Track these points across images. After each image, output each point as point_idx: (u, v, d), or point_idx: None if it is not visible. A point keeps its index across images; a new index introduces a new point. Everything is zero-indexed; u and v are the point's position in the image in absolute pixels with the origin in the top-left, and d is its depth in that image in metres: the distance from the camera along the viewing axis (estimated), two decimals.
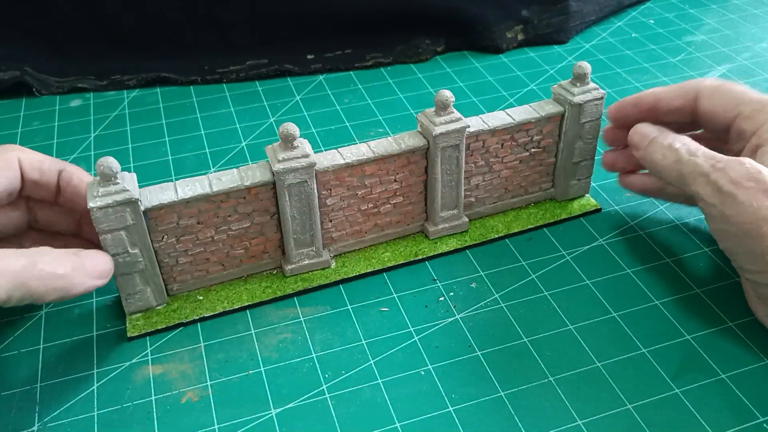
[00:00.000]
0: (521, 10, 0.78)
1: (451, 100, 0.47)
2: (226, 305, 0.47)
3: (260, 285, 0.49)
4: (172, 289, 0.48)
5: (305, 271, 0.50)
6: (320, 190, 0.47)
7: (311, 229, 0.48)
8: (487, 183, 0.53)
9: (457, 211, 0.52)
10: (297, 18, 0.75)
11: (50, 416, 0.41)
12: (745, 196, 0.40)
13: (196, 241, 0.46)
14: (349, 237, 0.51)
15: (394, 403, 0.41)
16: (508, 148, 0.52)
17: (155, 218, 0.44)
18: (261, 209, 0.47)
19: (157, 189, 0.44)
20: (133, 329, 0.46)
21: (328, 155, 0.47)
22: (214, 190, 0.45)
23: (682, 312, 0.46)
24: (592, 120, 0.52)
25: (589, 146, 0.53)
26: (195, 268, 0.48)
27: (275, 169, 0.45)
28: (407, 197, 0.51)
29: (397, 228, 0.52)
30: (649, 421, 0.40)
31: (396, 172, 0.49)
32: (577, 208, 0.55)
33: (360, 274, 0.50)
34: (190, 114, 0.68)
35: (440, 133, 0.47)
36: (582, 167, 0.54)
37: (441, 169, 0.49)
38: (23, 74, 0.70)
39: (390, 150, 0.48)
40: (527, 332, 0.45)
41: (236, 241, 0.48)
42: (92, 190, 0.42)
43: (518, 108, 0.52)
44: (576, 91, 0.50)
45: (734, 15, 0.84)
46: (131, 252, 0.44)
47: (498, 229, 0.53)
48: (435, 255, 0.51)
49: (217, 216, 0.46)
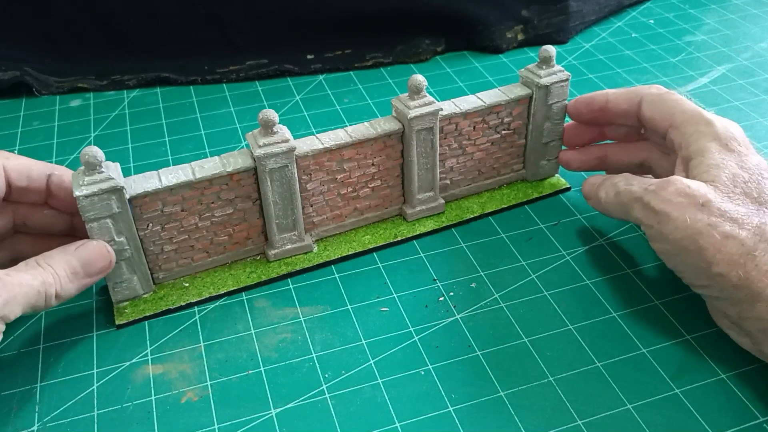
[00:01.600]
0: (521, 10, 0.78)
1: (424, 84, 0.49)
2: (212, 291, 0.48)
3: (245, 270, 0.50)
4: (158, 277, 0.48)
5: (288, 256, 0.51)
6: (300, 175, 0.48)
7: (293, 213, 0.49)
8: (461, 165, 0.54)
9: (434, 193, 0.53)
10: (297, 18, 0.75)
11: (50, 416, 0.41)
12: (678, 212, 0.41)
13: (180, 229, 0.47)
14: (329, 221, 0.52)
15: (394, 403, 0.41)
16: (480, 131, 0.53)
17: (140, 206, 0.45)
18: (243, 195, 0.48)
19: (140, 177, 0.45)
20: (121, 317, 0.46)
21: (307, 141, 0.48)
22: (197, 177, 0.45)
23: (682, 312, 0.46)
24: (558, 101, 0.54)
25: (557, 127, 0.55)
26: (180, 255, 0.48)
27: (256, 155, 0.45)
28: (385, 181, 0.52)
29: (376, 211, 0.53)
30: (649, 421, 0.40)
31: (373, 156, 0.50)
32: (547, 188, 0.57)
33: (342, 256, 0.51)
34: (190, 114, 0.68)
35: (414, 116, 0.48)
36: (551, 147, 0.56)
37: (417, 151, 0.50)
38: (23, 74, 0.70)
39: (367, 134, 0.49)
40: (527, 332, 0.45)
41: (220, 227, 0.48)
42: (77, 180, 0.42)
43: (488, 91, 0.54)
44: (542, 74, 0.52)
45: (734, 15, 0.84)
46: (117, 240, 0.44)
47: (473, 209, 0.55)
48: (413, 236, 0.53)
49: (201, 203, 0.47)
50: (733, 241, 0.39)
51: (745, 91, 0.69)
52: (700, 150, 0.44)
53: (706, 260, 0.40)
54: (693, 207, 0.41)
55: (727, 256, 0.39)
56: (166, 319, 0.47)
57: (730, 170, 0.42)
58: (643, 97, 0.49)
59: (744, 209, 0.41)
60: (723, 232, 0.40)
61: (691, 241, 0.40)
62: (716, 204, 0.41)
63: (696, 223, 0.40)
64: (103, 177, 0.42)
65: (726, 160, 0.43)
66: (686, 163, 0.45)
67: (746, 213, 0.40)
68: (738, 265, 0.39)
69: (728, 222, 0.40)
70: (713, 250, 0.40)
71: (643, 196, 0.43)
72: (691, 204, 0.41)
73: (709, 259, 0.40)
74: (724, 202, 0.41)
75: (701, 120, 0.45)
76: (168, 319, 0.47)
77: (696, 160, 0.44)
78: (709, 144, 0.44)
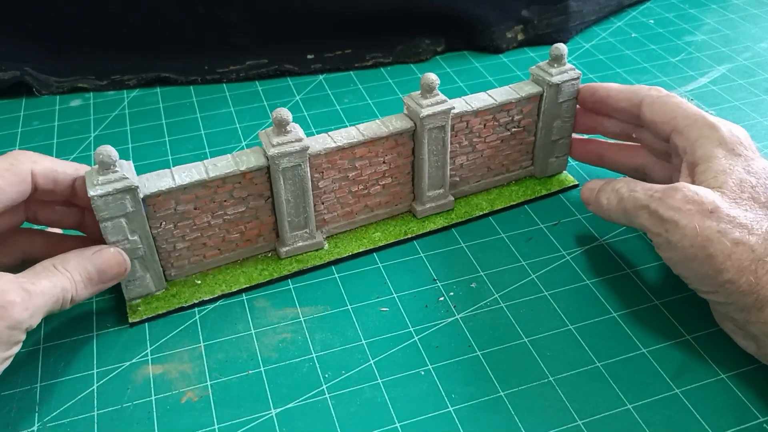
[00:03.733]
0: (521, 10, 0.78)
1: (437, 82, 0.49)
2: (225, 288, 0.48)
3: (256, 268, 0.50)
4: (170, 274, 0.49)
5: (299, 253, 0.51)
6: (312, 173, 0.48)
7: (305, 211, 0.49)
8: (471, 162, 0.54)
9: (444, 190, 0.54)
10: (297, 18, 0.75)
11: (50, 416, 0.41)
12: (686, 220, 0.40)
13: (193, 227, 0.47)
14: (340, 218, 0.52)
15: (394, 403, 0.41)
16: (491, 128, 0.54)
17: (153, 205, 0.45)
18: (256, 193, 0.48)
19: (154, 176, 0.45)
20: (134, 315, 0.46)
21: (320, 139, 0.49)
22: (211, 175, 0.45)
23: (682, 312, 0.46)
24: (569, 99, 0.54)
25: (567, 125, 0.55)
26: (192, 253, 0.48)
27: (270, 154, 0.45)
28: (396, 178, 0.52)
29: (386, 208, 0.53)
30: (649, 421, 0.40)
31: (384, 153, 0.50)
32: (556, 185, 0.57)
33: (353, 254, 0.51)
34: (190, 114, 0.68)
35: (427, 114, 0.49)
36: (560, 145, 0.56)
37: (428, 149, 0.51)
38: (23, 74, 0.70)
39: (378, 132, 0.49)
40: (527, 332, 0.45)
41: (232, 225, 0.48)
42: (91, 179, 0.42)
43: (499, 89, 0.54)
44: (554, 72, 0.53)
45: (734, 15, 0.84)
46: (131, 239, 0.44)
47: (482, 206, 0.55)
48: (423, 233, 0.53)
49: (214, 201, 0.47)
50: (743, 248, 0.39)
51: (745, 91, 0.69)
52: (706, 156, 0.43)
53: (716, 268, 0.39)
54: (701, 214, 0.40)
55: (737, 263, 0.39)
56: (167, 319, 0.47)
57: (737, 175, 0.42)
58: (643, 99, 0.49)
59: (752, 214, 0.40)
60: (733, 238, 0.39)
61: (700, 249, 0.40)
62: (725, 210, 0.40)
63: (705, 230, 0.40)
64: (118, 176, 0.42)
65: (733, 165, 0.42)
66: (692, 168, 0.44)
67: (755, 218, 0.40)
68: (748, 272, 0.39)
69: (738, 228, 0.39)
70: (723, 257, 0.39)
71: (649, 204, 0.42)
72: (700, 211, 0.40)
73: (718, 266, 0.39)
74: (732, 208, 0.40)
75: (705, 124, 0.45)
76: (168, 319, 0.47)
77: (702, 166, 0.43)
78: (715, 149, 0.43)
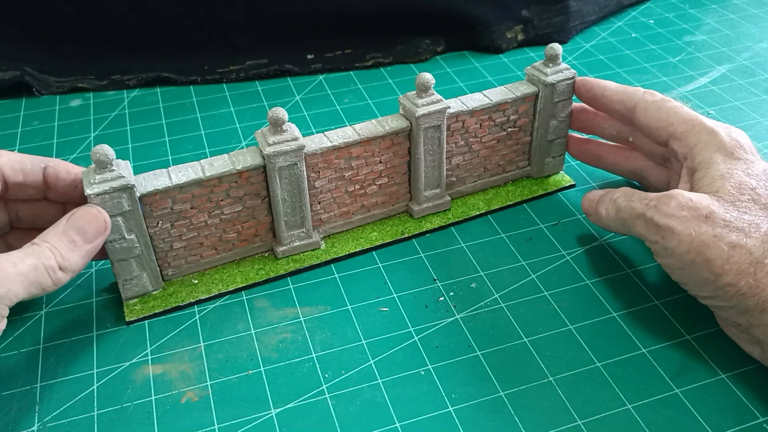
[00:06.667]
0: (521, 10, 0.78)
1: (432, 82, 0.49)
2: (222, 288, 0.48)
3: (253, 267, 0.50)
4: (167, 274, 0.49)
5: (296, 253, 0.51)
6: (309, 172, 0.48)
7: (301, 211, 0.49)
8: (467, 162, 0.55)
9: (440, 190, 0.54)
10: (297, 18, 0.75)
11: (50, 416, 0.41)
12: (681, 226, 0.40)
13: (189, 226, 0.47)
14: (337, 218, 0.52)
15: (394, 403, 0.41)
16: (487, 128, 0.54)
17: (150, 204, 0.45)
18: (252, 193, 0.48)
19: (151, 175, 0.45)
20: (131, 314, 0.47)
21: (316, 138, 0.49)
22: (207, 174, 0.45)
23: (682, 312, 0.46)
24: (564, 99, 0.54)
25: (563, 124, 0.55)
26: (189, 252, 0.48)
27: (266, 153, 0.45)
28: (392, 178, 0.52)
29: (383, 208, 0.54)
30: (649, 421, 0.40)
31: (381, 153, 0.51)
32: (552, 185, 0.57)
33: (349, 253, 0.51)
34: (190, 114, 0.68)
35: (422, 114, 0.49)
36: (556, 145, 0.56)
37: (424, 149, 0.51)
38: (23, 74, 0.70)
39: (375, 132, 0.49)
40: (527, 332, 0.45)
41: (229, 225, 0.49)
42: (88, 178, 0.42)
43: (495, 89, 0.54)
44: (549, 72, 0.52)
45: (734, 15, 0.84)
46: (128, 238, 0.44)
47: (479, 206, 0.55)
48: (420, 233, 0.53)
49: (210, 200, 0.47)
50: (741, 251, 0.39)
51: (745, 91, 0.69)
52: (705, 162, 0.43)
53: (714, 272, 0.39)
54: (697, 220, 0.40)
55: (736, 266, 0.39)
56: (167, 319, 0.47)
57: (736, 179, 0.42)
58: (636, 104, 0.49)
59: (750, 217, 0.40)
60: (729, 242, 0.39)
61: (697, 254, 0.40)
62: (720, 215, 0.40)
63: (701, 235, 0.40)
64: (114, 175, 0.42)
65: (732, 170, 0.42)
66: (691, 174, 0.44)
67: (753, 221, 0.40)
68: (747, 274, 0.39)
69: (734, 231, 0.39)
70: (721, 261, 0.39)
71: (645, 212, 0.42)
72: (695, 217, 0.40)
73: (717, 270, 0.39)
74: (728, 212, 0.40)
75: (703, 129, 0.45)
76: (168, 319, 0.47)
77: (701, 172, 0.43)
78: (714, 155, 0.43)
